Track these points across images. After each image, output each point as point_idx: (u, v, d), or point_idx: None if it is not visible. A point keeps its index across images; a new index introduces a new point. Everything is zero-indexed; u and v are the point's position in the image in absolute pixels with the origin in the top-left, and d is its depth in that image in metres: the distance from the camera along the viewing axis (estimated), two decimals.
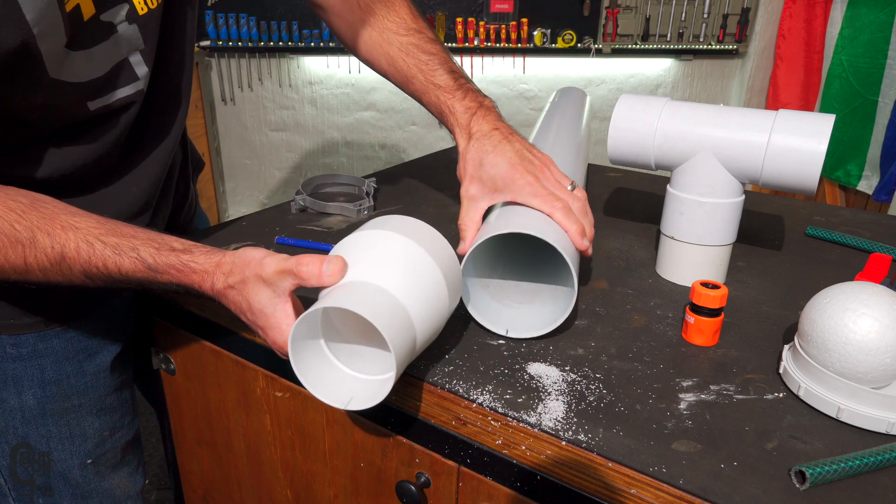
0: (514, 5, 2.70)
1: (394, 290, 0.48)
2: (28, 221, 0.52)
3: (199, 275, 0.53)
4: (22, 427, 0.68)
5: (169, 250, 0.54)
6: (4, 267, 0.53)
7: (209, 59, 2.85)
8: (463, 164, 0.67)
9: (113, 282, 0.54)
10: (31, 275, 0.54)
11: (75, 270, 0.53)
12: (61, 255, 0.53)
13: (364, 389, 0.50)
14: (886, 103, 2.26)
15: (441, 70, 0.72)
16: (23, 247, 0.52)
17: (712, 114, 0.66)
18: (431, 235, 0.54)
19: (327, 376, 0.51)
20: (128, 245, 0.53)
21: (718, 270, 0.70)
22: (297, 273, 0.48)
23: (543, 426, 0.48)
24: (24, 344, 0.65)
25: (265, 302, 0.50)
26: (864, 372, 0.48)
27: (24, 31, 0.48)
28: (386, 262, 0.50)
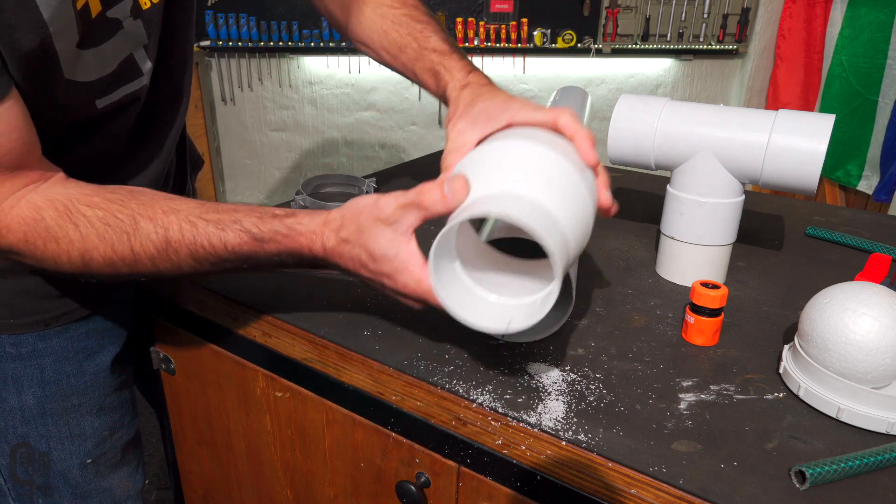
0: (514, 5, 2.70)
1: (532, 194, 0.44)
2: (129, 210, 0.52)
3: (306, 237, 0.51)
4: (22, 427, 0.68)
5: (271, 217, 0.52)
6: (114, 259, 0.52)
7: (209, 59, 2.85)
8: (454, 107, 0.61)
9: (221, 262, 0.53)
10: (141, 264, 0.53)
11: (182, 254, 0.52)
12: (165, 239, 0.52)
13: (519, 311, 0.47)
14: (886, 103, 2.26)
15: (435, 37, 0.71)
16: (128, 235, 0.52)
17: (712, 114, 0.66)
18: (549, 135, 0.50)
19: (471, 304, 0.47)
20: (230, 218, 0.52)
21: (718, 270, 0.70)
22: (419, 202, 0.46)
23: (543, 426, 0.48)
24: (23, 343, 0.65)
25: (387, 245, 0.48)
26: (864, 372, 0.48)
27: (43, 31, 0.48)
28: (513, 168, 0.46)
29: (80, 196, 0.53)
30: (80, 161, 0.62)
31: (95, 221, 0.52)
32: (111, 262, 0.52)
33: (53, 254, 0.52)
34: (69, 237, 0.51)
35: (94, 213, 0.52)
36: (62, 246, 0.52)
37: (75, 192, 0.53)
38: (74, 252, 0.52)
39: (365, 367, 0.56)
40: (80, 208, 0.52)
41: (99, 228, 0.51)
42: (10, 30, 0.46)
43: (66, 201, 0.52)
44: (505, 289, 0.49)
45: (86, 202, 0.52)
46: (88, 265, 0.53)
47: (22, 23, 0.46)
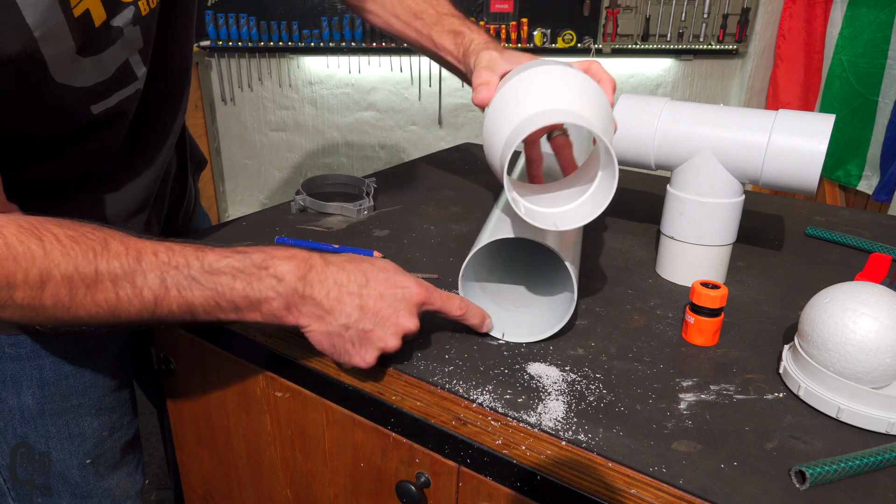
0: (514, 5, 2.70)
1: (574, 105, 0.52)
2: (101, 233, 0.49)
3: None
4: (21, 427, 0.68)
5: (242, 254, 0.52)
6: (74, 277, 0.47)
7: (209, 59, 2.85)
8: (478, 65, 0.64)
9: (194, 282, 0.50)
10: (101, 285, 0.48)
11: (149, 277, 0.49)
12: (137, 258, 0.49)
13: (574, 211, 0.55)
14: (886, 103, 2.26)
15: (448, 4, 0.74)
16: (94, 253, 0.48)
17: (712, 114, 0.66)
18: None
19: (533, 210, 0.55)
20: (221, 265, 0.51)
21: (718, 270, 0.70)
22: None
23: (543, 426, 0.48)
24: (22, 344, 0.65)
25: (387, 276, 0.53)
26: (864, 372, 0.48)
27: (26, 35, 0.47)
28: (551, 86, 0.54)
29: (46, 218, 0.48)
30: (76, 165, 0.62)
31: (63, 237, 0.47)
32: (70, 281, 0.47)
33: (8, 273, 0.45)
34: (31, 253, 0.46)
35: (62, 231, 0.47)
36: (21, 264, 0.45)
37: (41, 216, 0.49)
38: (34, 270, 0.46)
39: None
40: (48, 226, 0.47)
41: (65, 244, 0.47)
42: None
43: (32, 220, 0.48)
44: None
45: (55, 222, 0.48)
46: (45, 284, 0.46)
47: (2, 27, 0.46)
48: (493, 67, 0.62)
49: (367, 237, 0.82)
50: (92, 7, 0.52)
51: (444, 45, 0.72)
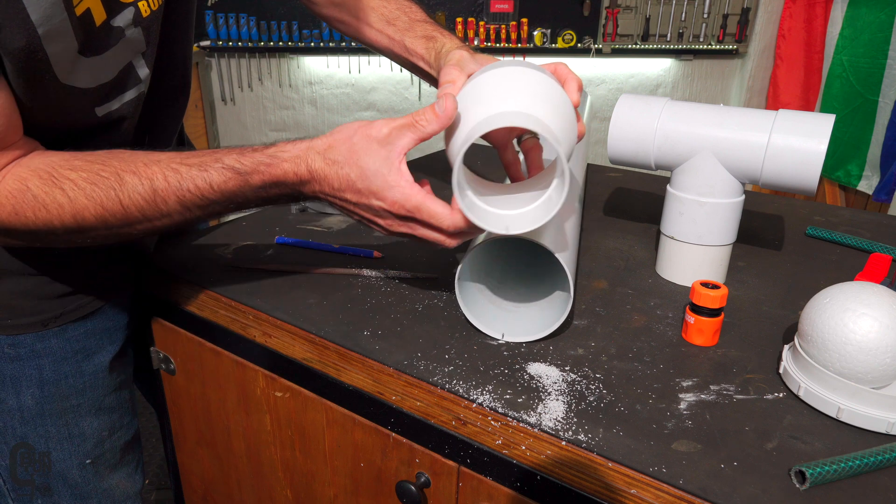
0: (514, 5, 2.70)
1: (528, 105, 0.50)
2: (112, 167, 0.53)
3: (290, 161, 0.52)
4: (21, 427, 0.68)
5: (252, 150, 0.53)
6: (105, 216, 0.53)
7: (209, 59, 2.85)
8: (447, 63, 0.64)
9: (209, 203, 0.54)
10: (132, 218, 0.53)
11: (170, 202, 0.53)
12: (152, 189, 0.52)
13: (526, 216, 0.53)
14: (886, 103, 2.26)
15: (422, 12, 0.74)
16: (115, 191, 0.52)
17: (712, 114, 0.66)
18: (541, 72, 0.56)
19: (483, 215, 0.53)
20: (211, 159, 0.53)
21: (718, 270, 0.70)
22: (416, 123, 0.49)
23: (543, 426, 0.48)
24: (21, 344, 0.65)
25: (380, 163, 0.50)
26: (864, 372, 0.48)
27: (29, 31, 0.48)
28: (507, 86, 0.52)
29: (61, 162, 0.53)
30: None
31: (81, 182, 0.52)
32: (103, 218, 0.53)
33: (45, 221, 0.52)
34: (58, 202, 0.52)
35: (77, 175, 0.52)
36: (52, 212, 0.52)
37: (56, 158, 0.53)
38: (66, 215, 0.52)
39: (365, 367, 0.56)
40: (64, 173, 0.52)
41: (86, 189, 0.52)
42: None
43: (48, 168, 0.52)
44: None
45: (68, 166, 0.52)
46: (81, 225, 0.53)
47: (7, 22, 0.46)
48: (461, 66, 0.62)
49: (367, 237, 0.82)
50: (92, 6, 0.52)
51: (417, 49, 0.73)
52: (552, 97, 0.53)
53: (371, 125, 0.50)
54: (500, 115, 0.50)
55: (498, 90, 0.52)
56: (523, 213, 0.52)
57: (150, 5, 0.59)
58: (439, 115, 0.50)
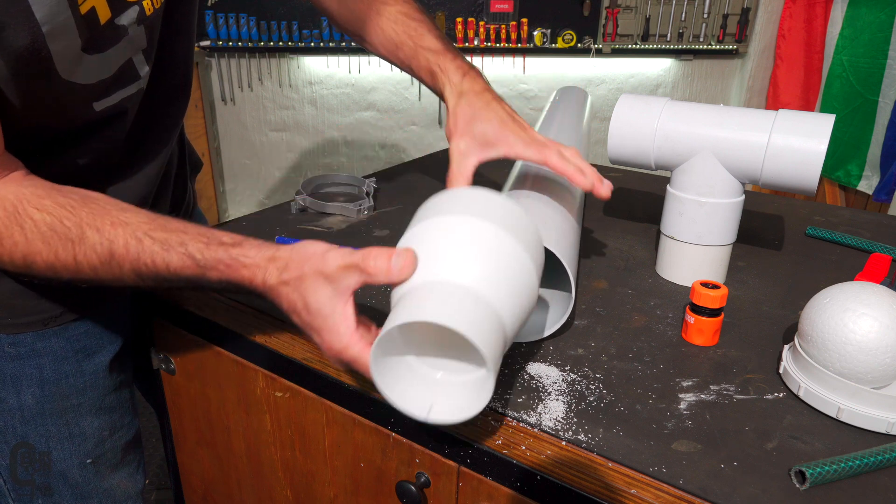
0: (514, 5, 2.70)
1: (475, 285, 0.44)
2: (77, 217, 0.51)
3: (249, 269, 0.50)
4: (21, 427, 0.68)
5: (218, 244, 0.51)
6: (55, 265, 0.52)
7: (209, 59, 2.85)
8: (453, 121, 0.67)
9: (163, 280, 0.52)
10: (83, 273, 0.52)
11: (125, 268, 0.52)
12: (110, 252, 0.51)
13: (451, 394, 0.46)
14: (887, 103, 2.26)
15: (429, 35, 0.73)
16: (72, 243, 0.51)
17: (712, 114, 0.66)
18: (505, 210, 0.48)
19: (407, 381, 0.46)
20: (176, 240, 0.51)
21: (718, 270, 0.70)
22: (364, 268, 0.45)
23: (543, 426, 0.48)
24: (22, 343, 0.65)
25: (324, 301, 0.47)
26: (864, 372, 0.48)
27: (34, 30, 0.48)
28: (462, 252, 0.45)
29: (30, 197, 0.51)
30: (79, 164, 0.62)
31: (42, 226, 0.51)
32: (52, 267, 0.52)
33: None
34: (13, 238, 0.51)
35: (41, 216, 0.51)
36: (5, 247, 0.51)
37: (27, 192, 0.52)
38: (17, 254, 0.51)
39: None
40: (29, 210, 0.51)
41: (45, 233, 0.51)
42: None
43: (15, 201, 0.51)
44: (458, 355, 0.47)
45: (35, 204, 0.51)
46: (30, 268, 0.52)
47: (12, 21, 0.46)
48: (463, 171, 0.64)
49: (367, 237, 0.82)
50: (97, 5, 0.53)
51: (425, 81, 0.74)
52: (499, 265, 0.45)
53: (324, 257, 0.47)
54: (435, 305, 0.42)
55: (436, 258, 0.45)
56: (449, 397, 0.46)
57: (154, 3, 0.59)
58: (392, 270, 0.45)
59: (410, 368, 0.47)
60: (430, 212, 0.49)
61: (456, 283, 0.44)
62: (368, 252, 0.46)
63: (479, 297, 0.43)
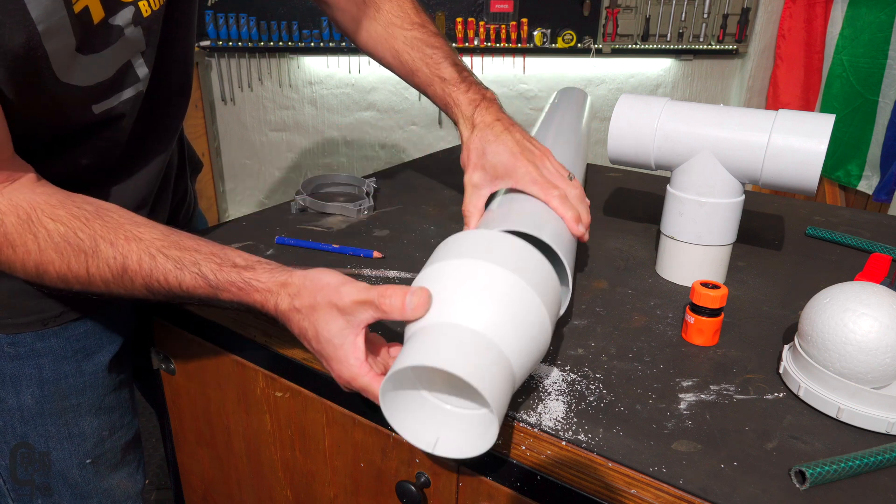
0: (514, 5, 2.70)
1: (487, 331, 0.44)
2: (91, 230, 0.52)
3: (261, 293, 0.50)
4: (21, 427, 0.68)
5: (231, 266, 0.51)
6: (67, 276, 0.52)
7: (209, 59, 2.85)
8: (466, 153, 0.69)
9: (174, 297, 0.53)
10: (94, 286, 0.53)
11: (137, 284, 0.52)
12: (123, 266, 0.51)
13: (457, 427, 0.46)
14: (887, 103, 2.26)
15: (445, 63, 0.74)
16: (86, 256, 0.51)
17: (712, 114, 0.66)
18: (523, 256, 0.49)
19: (415, 413, 0.47)
20: (189, 259, 0.52)
21: (718, 270, 0.70)
22: (379, 305, 0.46)
23: (543, 426, 0.48)
24: (21, 343, 0.65)
25: (335, 332, 0.47)
26: (864, 372, 0.48)
27: (29, 28, 0.48)
28: (476, 296, 0.45)
29: (44, 206, 0.52)
30: (78, 165, 0.62)
31: (55, 236, 0.51)
32: (64, 278, 0.52)
33: (7, 259, 0.52)
34: (27, 247, 0.51)
35: (55, 227, 0.51)
36: (18, 254, 0.51)
37: (41, 200, 0.52)
38: (30, 262, 0.51)
39: None
40: (43, 220, 0.51)
41: (58, 243, 0.51)
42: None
43: (29, 210, 0.51)
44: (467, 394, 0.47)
45: (49, 214, 0.51)
46: (42, 277, 0.52)
47: (8, 19, 0.46)
48: (476, 203, 0.67)
49: (367, 237, 0.82)
50: (91, 4, 0.52)
51: (441, 108, 0.76)
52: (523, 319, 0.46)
53: (338, 290, 0.47)
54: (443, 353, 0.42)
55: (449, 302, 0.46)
56: (455, 430, 0.46)
57: (151, 5, 0.59)
58: (406, 309, 0.46)
59: (419, 401, 0.47)
60: (449, 254, 0.50)
61: (467, 328, 0.44)
62: (384, 290, 0.46)
63: (490, 342, 0.44)
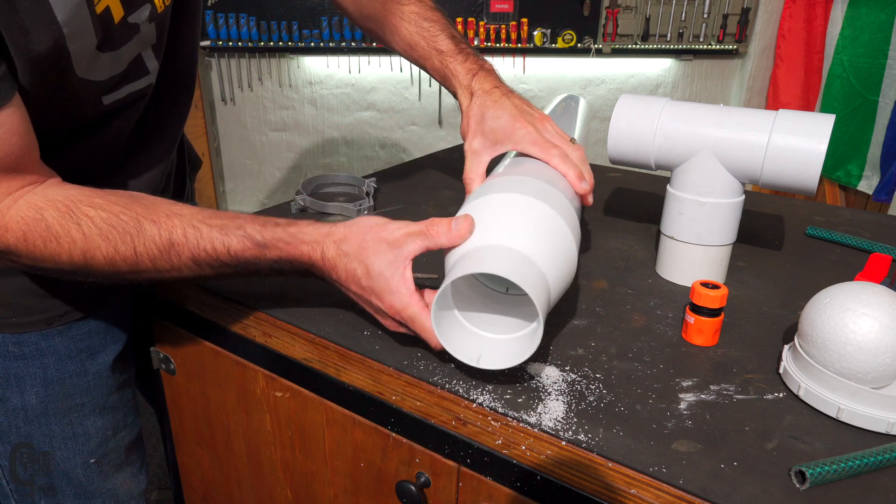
0: (514, 5, 2.70)
1: (525, 250, 0.49)
2: (133, 212, 0.53)
3: (308, 245, 0.53)
4: (25, 426, 0.68)
5: (273, 225, 0.54)
6: (115, 259, 0.53)
7: (209, 59, 2.85)
8: (466, 121, 0.69)
9: (221, 266, 0.54)
10: (141, 265, 0.54)
11: (184, 257, 0.53)
12: (169, 241, 0.53)
13: (498, 348, 0.52)
14: (887, 103, 2.26)
15: (443, 35, 0.74)
16: (131, 237, 0.52)
17: (712, 114, 0.66)
18: (551, 192, 0.56)
19: (459, 337, 0.52)
20: (233, 224, 0.53)
21: (718, 270, 0.70)
22: (428, 232, 0.50)
23: (543, 426, 0.48)
24: (26, 343, 0.65)
25: (385, 265, 0.51)
26: (864, 372, 0.48)
27: (56, 33, 0.48)
28: (513, 221, 0.51)
29: (81, 197, 0.53)
30: (83, 158, 0.62)
31: (99, 222, 0.52)
32: (112, 262, 0.53)
33: (53, 253, 0.52)
34: (71, 236, 0.51)
35: (97, 213, 0.52)
36: (63, 245, 0.52)
37: (76, 193, 0.53)
38: (76, 252, 0.52)
39: (365, 367, 0.56)
40: (83, 209, 0.52)
41: (102, 228, 0.52)
42: (23, 32, 0.46)
43: (67, 202, 0.52)
44: (493, 324, 0.54)
45: (88, 203, 0.52)
46: (89, 264, 0.53)
47: (36, 25, 0.47)
48: (476, 169, 0.67)
49: None
50: (111, 4, 0.53)
51: (440, 82, 0.76)
52: (553, 238, 0.52)
53: (386, 226, 0.52)
54: (493, 258, 0.48)
55: (502, 223, 0.52)
56: (495, 351, 0.52)
57: (165, 1, 0.60)
58: (453, 232, 0.51)
59: (462, 325, 0.53)
60: (485, 191, 0.56)
61: (509, 247, 0.49)
62: (431, 220, 0.51)
63: (528, 259, 0.49)
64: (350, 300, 0.57)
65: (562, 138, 0.65)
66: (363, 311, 0.63)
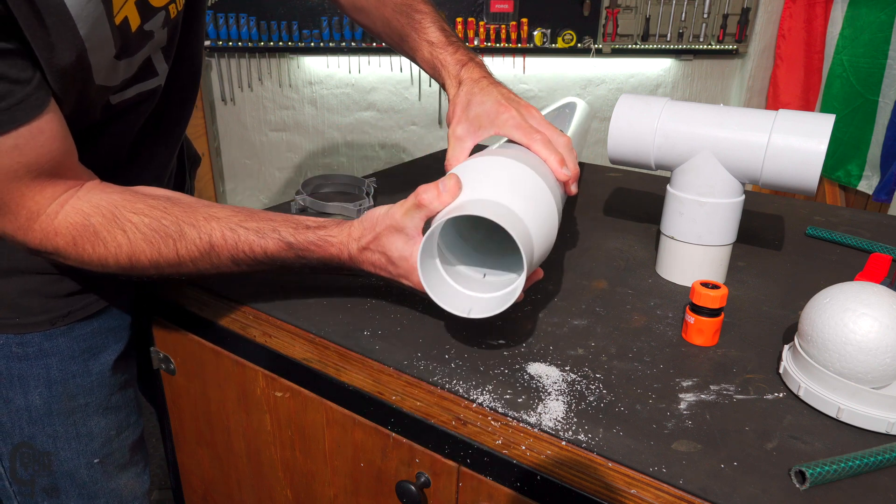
0: (514, 5, 2.70)
1: (511, 205, 0.52)
2: (173, 216, 0.56)
3: (335, 247, 0.57)
4: (28, 427, 0.68)
5: (304, 228, 0.58)
6: (159, 261, 0.56)
7: (209, 59, 2.85)
8: (452, 108, 0.70)
9: (257, 264, 0.58)
10: (184, 266, 0.57)
11: (223, 257, 0.57)
12: (209, 244, 0.56)
13: (487, 298, 0.55)
14: (887, 103, 2.26)
15: (433, 27, 0.75)
16: (174, 240, 0.56)
17: (712, 114, 0.66)
18: (535, 158, 0.60)
19: (450, 292, 0.55)
20: (268, 227, 0.57)
21: (718, 270, 0.70)
22: (419, 202, 0.52)
23: (543, 426, 0.48)
24: (29, 343, 0.65)
25: (401, 247, 0.54)
26: (864, 372, 0.48)
27: (79, 47, 0.50)
28: (498, 179, 0.54)
29: (124, 203, 0.56)
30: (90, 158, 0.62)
31: (143, 227, 0.55)
32: (157, 264, 0.57)
33: (101, 256, 0.56)
34: (117, 241, 0.55)
35: (140, 219, 0.55)
36: (110, 249, 0.55)
37: (118, 198, 0.56)
38: (122, 255, 0.56)
39: (365, 367, 0.56)
40: (127, 215, 0.55)
41: (146, 234, 0.55)
42: (50, 48, 0.48)
43: (111, 208, 0.55)
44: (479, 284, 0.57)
45: (131, 209, 0.56)
46: (135, 266, 0.57)
47: (61, 40, 0.48)
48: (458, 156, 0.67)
49: None
50: (129, 14, 0.55)
51: (429, 73, 0.76)
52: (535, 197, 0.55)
53: (388, 214, 0.55)
54: (479, 205, 0.51)
55: (488, 181, 0.55)
56: (485, 299, 0.55)
57: (178, 6, 0.61)
58: (441, 192, 0.53)
59: (452, 279, 0.56)
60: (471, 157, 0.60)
61: (495, 201, 0.52)
62: (419, 188, 0.53)
63: (512, 212, 0.51)
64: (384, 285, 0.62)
65: (547, 125, 0.65)
66: (363, 310, 0.64)
